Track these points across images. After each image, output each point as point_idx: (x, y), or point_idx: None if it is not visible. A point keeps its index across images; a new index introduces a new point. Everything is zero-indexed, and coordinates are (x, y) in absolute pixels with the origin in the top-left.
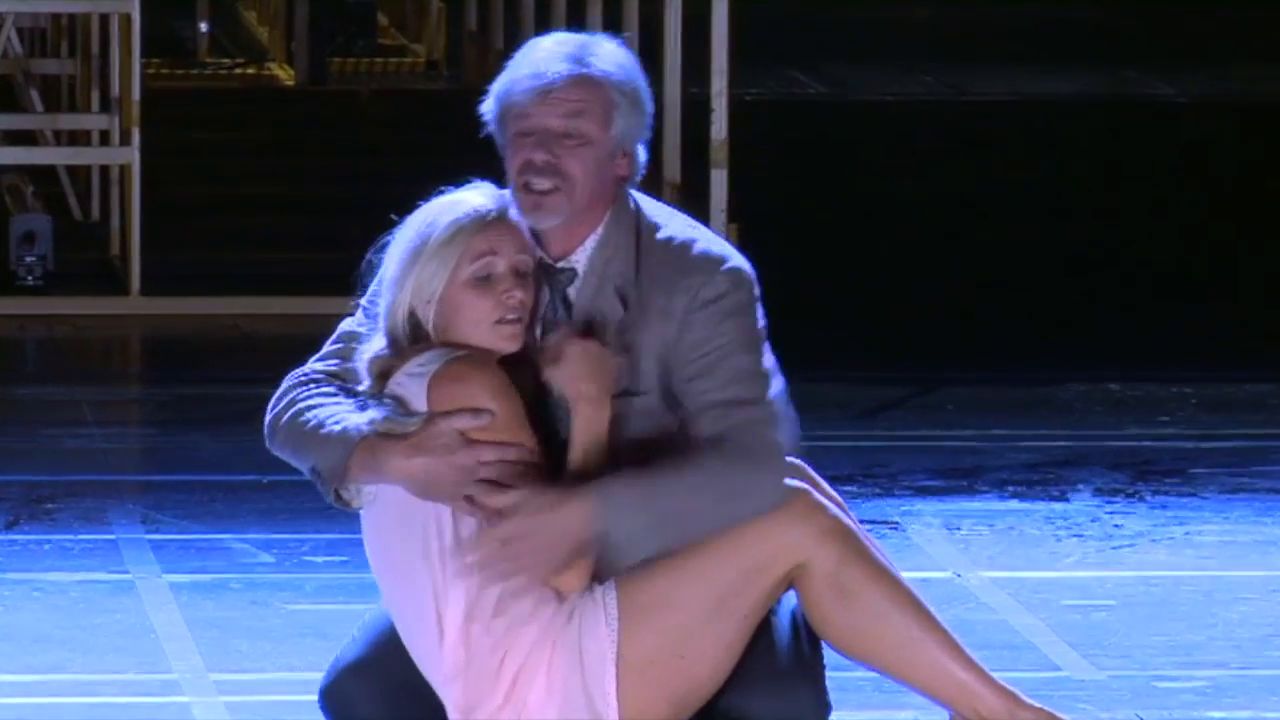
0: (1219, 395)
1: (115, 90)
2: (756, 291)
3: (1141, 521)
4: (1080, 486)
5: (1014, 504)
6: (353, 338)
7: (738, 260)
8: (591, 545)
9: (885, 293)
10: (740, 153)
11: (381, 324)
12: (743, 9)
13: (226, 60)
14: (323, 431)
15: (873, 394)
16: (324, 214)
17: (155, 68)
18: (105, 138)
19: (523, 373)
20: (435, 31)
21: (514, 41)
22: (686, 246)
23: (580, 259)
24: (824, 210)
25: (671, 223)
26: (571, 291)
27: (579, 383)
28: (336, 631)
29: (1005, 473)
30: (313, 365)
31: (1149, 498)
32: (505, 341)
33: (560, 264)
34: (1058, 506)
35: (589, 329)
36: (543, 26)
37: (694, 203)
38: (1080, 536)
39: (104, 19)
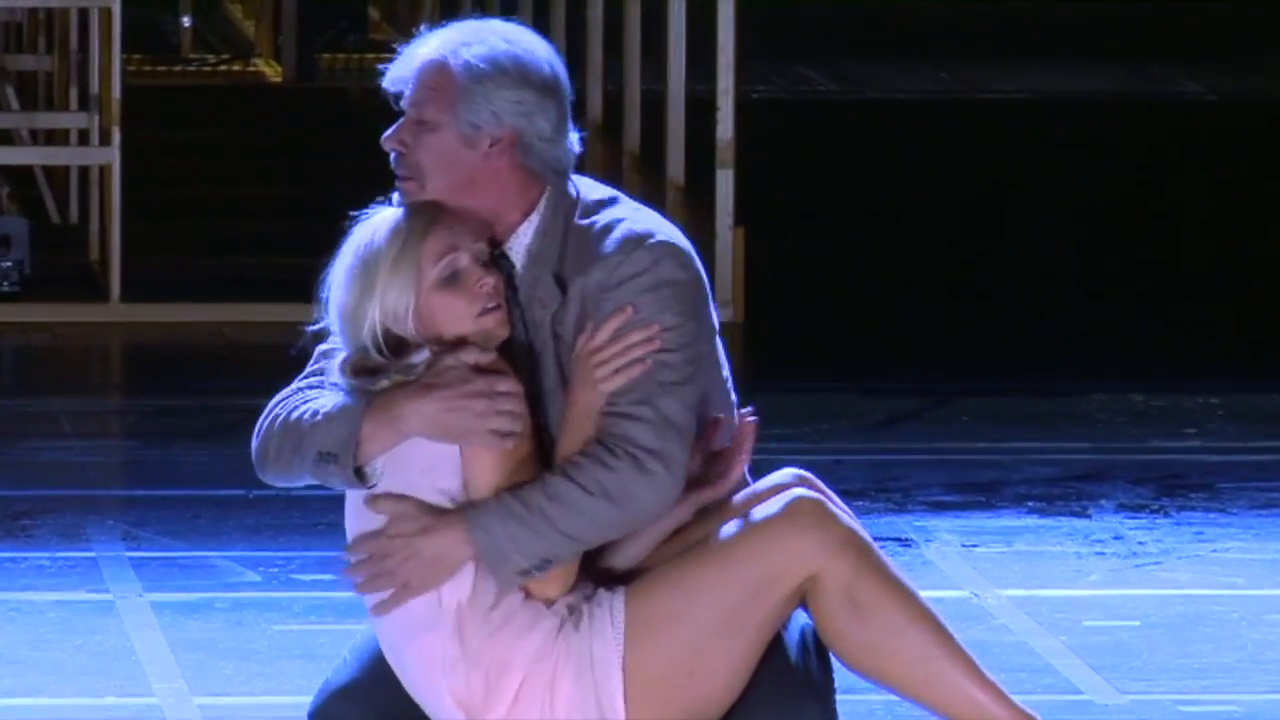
0: (1247, 406)
1: (95, 87)
2: (692, 270)
3: (1166, 538)
4: (1103, 501)
5: (1033, 520)
6: (330, 356)
7: (667, 235)
8: (476, 559)
9: (898, 298)
10: (747, 152)
11: (353, 347)
12: (749, 3)
13: (211, 56)
14: (321, 415)
15: (885, 405)
16: (313, 217)
17: (136, 64)
18: (84, 137)
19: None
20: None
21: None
22: (610, 227)
23: (515, 246)
24: (834, 212)
25: (607, 205)
26: (517, 280)
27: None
28: (325, 653)
29: (1024, 487)
30: (294, 387)
31: (1174, 513)
32: (494, 328)
33: (494, 252)
34: (1079, 523)
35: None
36: (541, 21)
37: (699, 204)
38: (1103, 554)
39: (83, 13)
